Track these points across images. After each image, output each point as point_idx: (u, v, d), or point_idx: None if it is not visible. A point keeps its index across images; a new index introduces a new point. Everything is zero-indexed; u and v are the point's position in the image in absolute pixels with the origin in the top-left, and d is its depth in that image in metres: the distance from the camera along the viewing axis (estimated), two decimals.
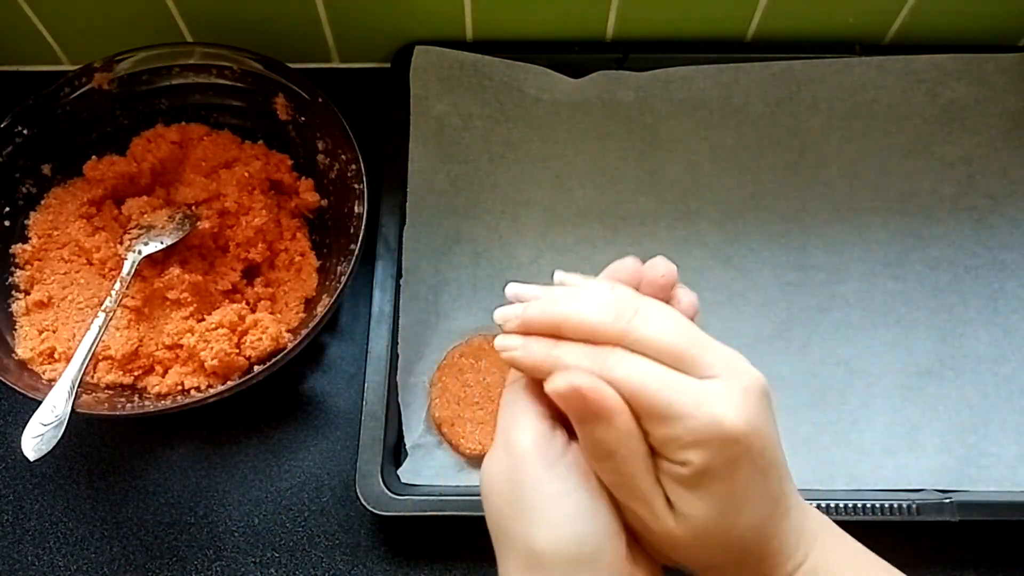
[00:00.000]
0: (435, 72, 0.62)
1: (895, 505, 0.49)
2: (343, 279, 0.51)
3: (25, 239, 0.56)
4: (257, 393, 0.53)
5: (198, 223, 0.55)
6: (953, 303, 0.57)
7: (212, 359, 0.51)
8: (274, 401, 0.55)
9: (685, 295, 0.33)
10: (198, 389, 0.51)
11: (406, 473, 0.51)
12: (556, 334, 0.31)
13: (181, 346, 0.52)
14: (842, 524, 0.48)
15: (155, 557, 0.51)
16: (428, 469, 0.51)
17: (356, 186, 0.54)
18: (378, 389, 0.52)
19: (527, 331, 0.31)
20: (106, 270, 0.55)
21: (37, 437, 0.46)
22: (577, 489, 0.30)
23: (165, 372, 0.52)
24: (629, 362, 0.29)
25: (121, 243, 0.55)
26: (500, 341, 0.32)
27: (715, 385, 0.28)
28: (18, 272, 0.55)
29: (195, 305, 0.53)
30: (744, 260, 0.58)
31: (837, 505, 0.48)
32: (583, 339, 0.30)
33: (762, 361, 0.31)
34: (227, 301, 0.55)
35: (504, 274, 0.58)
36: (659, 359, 0.29)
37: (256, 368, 0.51)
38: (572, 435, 0.32)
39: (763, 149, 0.62)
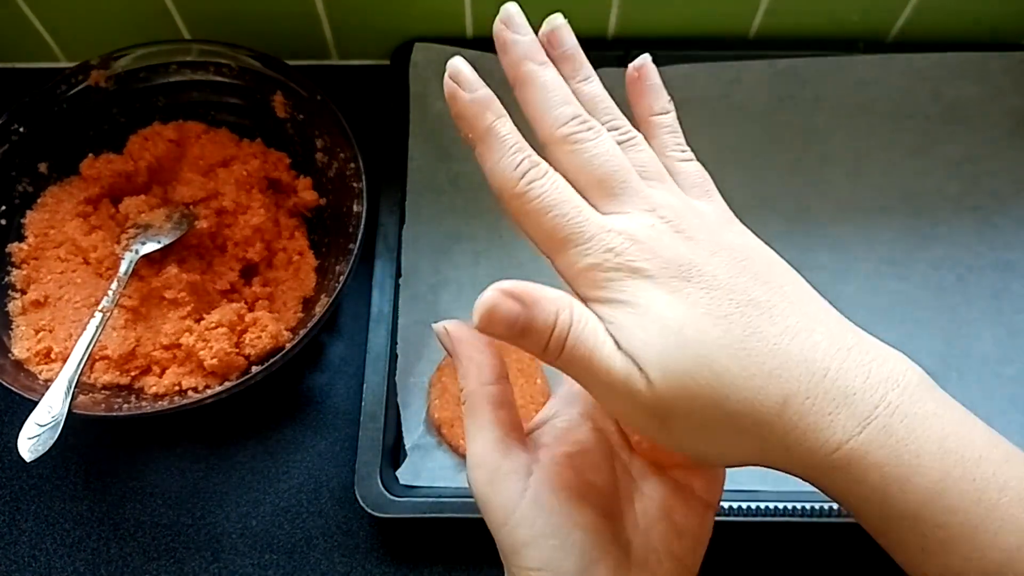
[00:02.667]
0: (435, 69, 0.62)
1: None
2: (342, 279, 0.51)
3: (21, 238, 0.55)
4: (255, 394, 0.53)
5: (196, 222, 0.55)
6: (957, 303, 0.56)
7: (212, 358, 0.50)
8: (272, 402, 0.55)
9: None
10: (196, 390, 0.51)
11: (405, 474, 0.50)
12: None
13: (179, 346, 0.52)
14: (845, 526, 0.48)
15: (152, 559, 0.50)
16: (427, 470, 0.51)
17: (355, 185, 0.54)
18: (377, 390, 0.51)
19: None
20: (103, 269, 0.55)
21: (33, 438, 0.45)
22: (532, 506, 0.28)
23: (162, 372, 0.52)
24: (548, 185, 0.27)
25: (118, 242, 0.54)
26: (454, 64, 0.29)
27: (614, 220, 0.27)
28: (14, 271, 0.54)
29: (193, 305, 0.53)
30: None
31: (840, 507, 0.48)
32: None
33: None
34: (225, 301, 0.54)
35: (504, 274, 0.57)
36: (578, 187, 0.28)
37: (254, 368, 0.50)
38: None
39: (766, 147, 0.61)
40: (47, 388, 0.47)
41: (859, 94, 0.62)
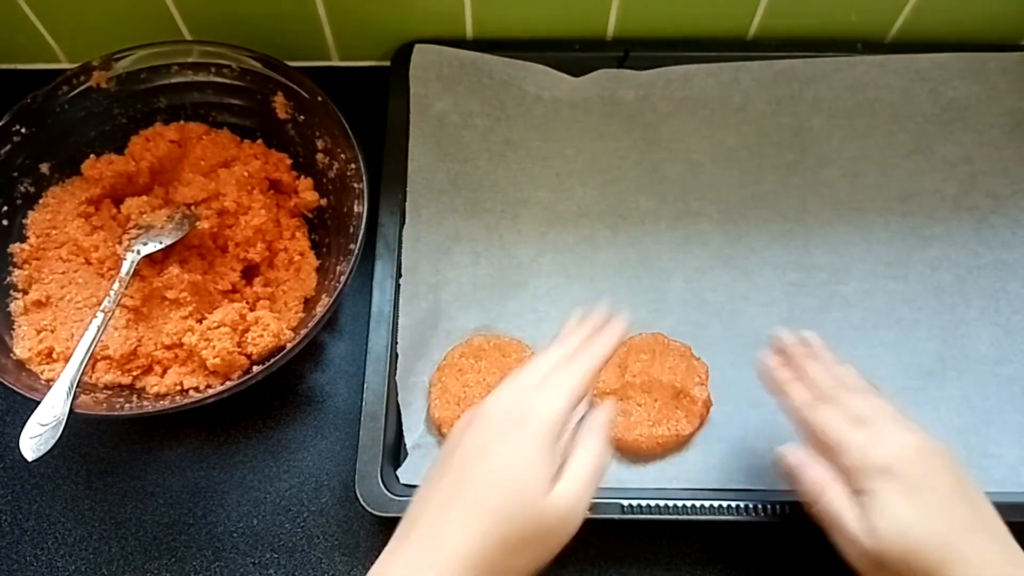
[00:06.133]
0: (435, 70, 0.62)
1: None
2: (343, 279, 0.51)
3: (23, 238, 0.55)
4: (256, 393, 0.53)
5: (197, 223, 0.55)
6: (955, 303, 0.57)
7: (214, 358, 0.50)
8: (273, 401, 0.55)
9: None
10: (197, 389, 0.51)
11: (406, 473, 0.51)
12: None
13: (180, 345, 0.52)
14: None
15: (154, 558, 0.51)
16: (428, 470, 0.51)
17: (356, 185, 0.54)
18: (378, 389, 0.52)
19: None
20: (104, 269, 0.55)
21: (35, 437, 0.46)
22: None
23: (164, 372, 0.52)
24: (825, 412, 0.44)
25: (120, 243, 0.55)
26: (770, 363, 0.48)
27: (867, 437, 0.42)
28: (16, 271, 0.54)
29: (194, 305, 0.53)
30: (745, 260, 0.58)
31: None
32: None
33: None
34: (226, 300, 0.55)
35: (504, 273, 0.58)
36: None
37: (255, 368, 0.51)
38: None
39: (764, 148, 0.62)
40: (49, 388, 0.47)
41: (857, 95, 0.62)
